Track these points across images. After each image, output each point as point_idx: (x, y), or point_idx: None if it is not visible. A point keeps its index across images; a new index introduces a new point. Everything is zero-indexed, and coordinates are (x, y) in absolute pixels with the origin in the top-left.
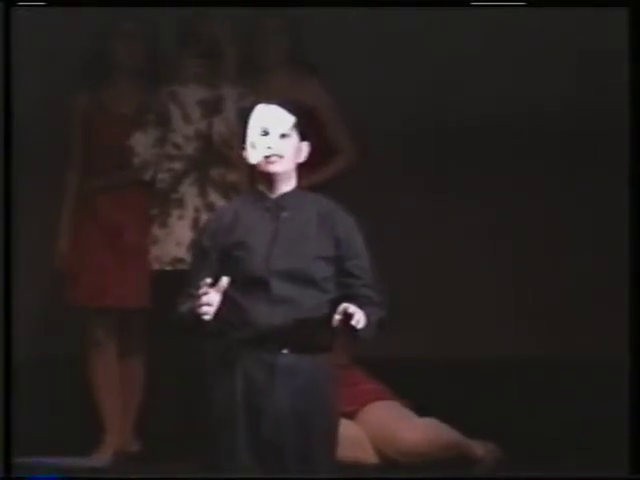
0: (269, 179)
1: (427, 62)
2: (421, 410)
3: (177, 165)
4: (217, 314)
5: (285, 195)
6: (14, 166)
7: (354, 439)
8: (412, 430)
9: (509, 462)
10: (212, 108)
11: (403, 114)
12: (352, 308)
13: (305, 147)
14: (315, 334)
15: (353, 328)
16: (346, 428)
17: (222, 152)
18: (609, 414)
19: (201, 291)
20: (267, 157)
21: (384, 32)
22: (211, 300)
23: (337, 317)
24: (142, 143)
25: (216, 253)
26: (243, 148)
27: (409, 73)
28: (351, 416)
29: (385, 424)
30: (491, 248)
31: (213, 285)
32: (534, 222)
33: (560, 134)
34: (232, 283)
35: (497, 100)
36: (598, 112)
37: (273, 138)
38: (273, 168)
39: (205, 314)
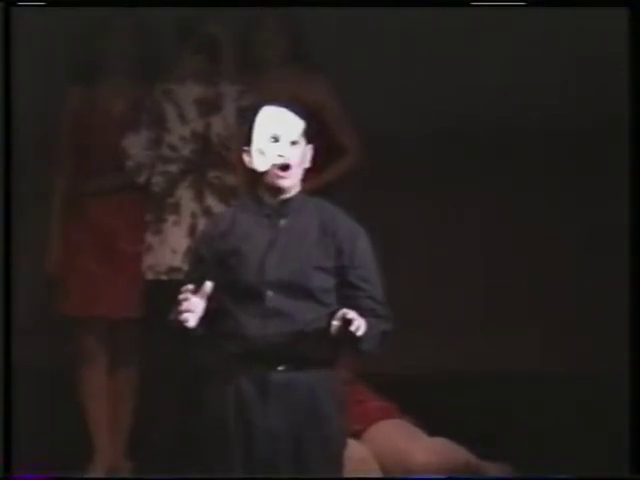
0: (274, 188)
1: (426, 62)
2: (431, 429)
3: (172, 168)
4: (209, 324)
5: (286, 201)
6: (14, 167)
7: (360, 460)
8: (422, 451)
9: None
10: (210, 107)
11: (400, 114)
12: (351, 314)
13: (309, 150)
14: (314, 349)
15: (353, 335)
16: (351, 448)
17: (220, 154)
18: (609, 415)
19: (181, 296)
20: (278, 167)
21: (384, 32)
22: (192, 306)
23: (335, 323)
24: (135, 144)
25: (212, 261)
26: (243, 150)
27: (408, 73)
28: (357, 435)
29: (393, 444)
30: (502, 256)
31: (197, 291)
32: (543, 231)
33: (560, 134)
34: (226, 293)
35: (497, 100)
36: (598, 112)
37: (284, 145)
38: (283, 183)
39: (186, 320)
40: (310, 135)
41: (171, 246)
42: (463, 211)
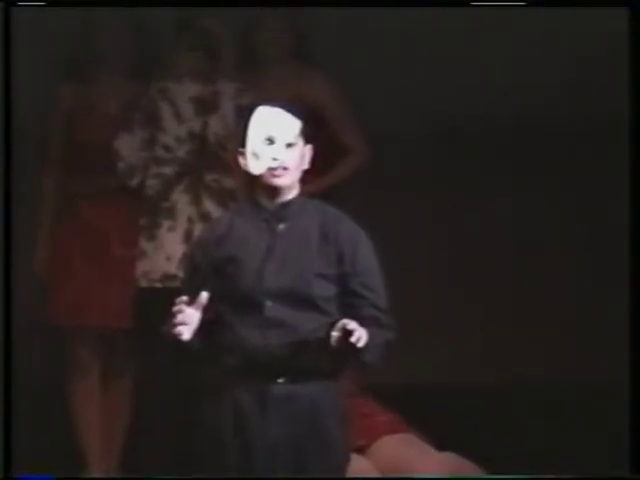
0: (271, 189)
1: (426, 62)
2: (440, 443)
3: (167, 170)
4: (206, 336)
5: (285, 205)
6: (14, 167)
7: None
8: (431, 467)
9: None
10: (207, 106)
11: (399, 114)
12: (352, 324)
13: (308, 151)
14: (315, 360)
15: (354, 347)
16: (356, 464)
17: (218, 155)
18: (609, 415)
19: (175, 308)
20: (272, 169)
21: (384, 32)
22: (187, 319)
23: (335, 334)
24: (128, 145)
25: (208, 269)
26: (240, 152)
27: (407, 73)
28: (361, 451)
29: (400, 460)
30: (502, 257)
31: (192, 302)
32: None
33: (560, 134)
34: (223, 303)
35: (497, 100)
36: (598, 112)
37: (279, 148)
38: (279, 182)
39: (180, 334)
40: (309, 135)
41: (166, 252)
42: (463, 212)
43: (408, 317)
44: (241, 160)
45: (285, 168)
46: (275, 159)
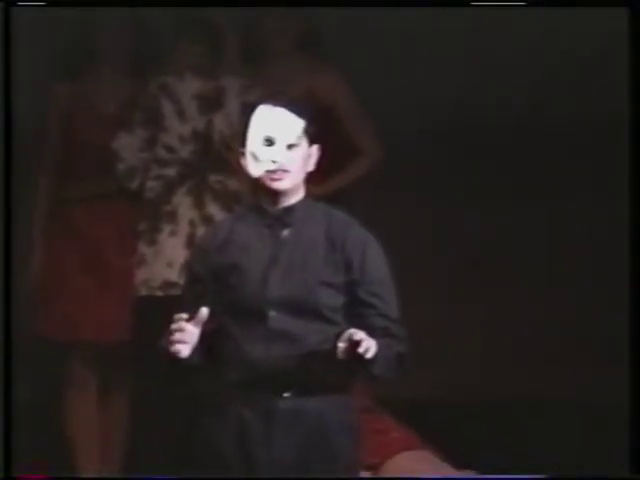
0: (273, 193)
1: (426, 62)
2: (458, 462)
3: (169, 171)
4: (206, 351)
5: (289, 209)
6: (14, 167)
7: None
8: None
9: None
10: (211, 103)
11: (399, 114)
12: (359, 334)
13: (315, 152)
14: (323, 373)
15: (362, 358)
16: None
17: (223, 155)
18: (609, 415)
19: (174, 326)
20: (271, 172)
21: (384, 32)
22: (186, 337)
23: (341, 345)
24: (128, 146)
25: (208, 277)
26: (242, 153)
27: (407, 73)
28: (375, 469)
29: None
30: (503, 258)
31: (191, 318)
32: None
33: (560, 135)
34: (225, 313)
35: (497, 100)
36: (598, 112)
37: (279, 149)
38: (278, 185)
39: (179, 352)
40: (314, 135)
41: (167, 258)
42: (462, 212)
43: (418, 326)
44: (242, 161)
45: (285, 171)
46: (274, 161)
